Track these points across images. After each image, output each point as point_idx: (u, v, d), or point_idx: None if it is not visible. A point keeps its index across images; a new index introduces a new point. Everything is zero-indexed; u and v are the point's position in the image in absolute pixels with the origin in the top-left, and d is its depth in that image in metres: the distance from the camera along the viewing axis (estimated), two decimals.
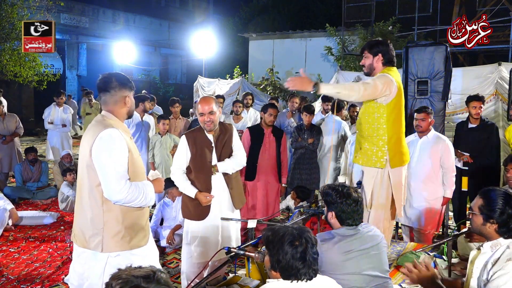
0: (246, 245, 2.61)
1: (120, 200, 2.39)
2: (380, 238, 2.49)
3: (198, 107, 3.45)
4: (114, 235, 2.45)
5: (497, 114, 7.17)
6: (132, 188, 2.41)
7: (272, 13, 20.55)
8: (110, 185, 2.37)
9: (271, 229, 1.98)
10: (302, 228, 1.96)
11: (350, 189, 2.51)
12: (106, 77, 2.57)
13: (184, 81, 24.66)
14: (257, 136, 4.89)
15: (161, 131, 6.04)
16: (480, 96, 5.08)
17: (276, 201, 5.02)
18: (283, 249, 1.87)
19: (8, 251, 4.78)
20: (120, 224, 2.46)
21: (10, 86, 13.24)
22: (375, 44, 3.48)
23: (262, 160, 4.86)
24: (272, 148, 4.91)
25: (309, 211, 3.34)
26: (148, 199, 2.53)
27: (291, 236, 1.89)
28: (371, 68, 3.49)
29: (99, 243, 2.44)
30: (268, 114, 4.88)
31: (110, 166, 2.37)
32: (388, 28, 13.16)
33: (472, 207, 2.21)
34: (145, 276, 1.39)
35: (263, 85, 14.95)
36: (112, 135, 2.41)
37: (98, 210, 2.44)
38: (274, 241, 1.92)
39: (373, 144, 3.43)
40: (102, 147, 2.39)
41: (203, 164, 3.46)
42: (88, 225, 2.46)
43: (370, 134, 3.45)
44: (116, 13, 21.44)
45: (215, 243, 3.47)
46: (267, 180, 4.91)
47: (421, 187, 4.49)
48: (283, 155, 5.01)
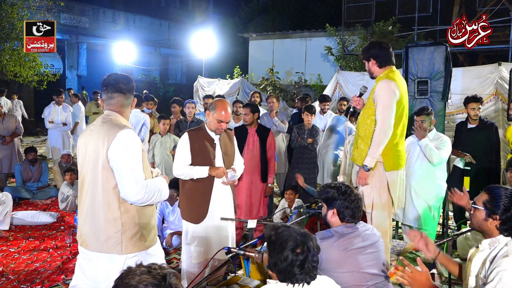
0: (246, 245, 2.61)
1: (138, 200, 2.38)
2: (377, 237, 2.50)
3: (218, 112, 3.39)
4: (132, 236, 2.43)
5: (497, 114, 7.17)
6: (149, 187, 2.41)
7: (272, 13, 20.55)
8: (129, 187, 2.34)
9: (275, 229, 1.95)
10: (307, 235, 1.93)
11: (349, 186, 2.53)
12: (126, 79, 2.54)
13: (184, 81, 24.66)
14: (241, 135, 4.86)
15: (161, 131, 6.03)
16: (478, 97, 5.08)
17: (262, 200, 4.95)
18: (283, 253, 1.85)
19: (8, 251, 4.78)
20: (137, 225, 2.45)
21: (10, 86, 13.24)
22: (365, 50, 3.53)
23: (245, 159, 4.80)
24: (255, 147, 4.87)
25: (309, 211, 3.34)
26: (163, 195, 2.55)
27: (294, 243, 1.86)
28: (371, 73, 3.54)
29: (117, 246, 2.41)
30: (244, 113, 4.91)
31: (129, 168, 2.35)
32: (388, 28, 13.16)
33: (476, 201, 2.21)
34: (156, 285, 1.32)
35: (263, 85, 14.95)
36: (129, 136, 2.39)
37: (115, 213, 2.40)
38: (276, 243, 1.90)
39: (367, 145, 3.43)
40: (122, 149, 2.35)
41: (206, 161, 3.45)
42: (102, 228, 2.41)
43: (366, 135, 3.46)
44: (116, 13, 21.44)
45: (214, 243, 3.48)
46: (250, 180, 4.84)
47: (421, 186, 4.49)
48: (269, 154, 4.95)
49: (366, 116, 3.47)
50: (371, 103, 3.42)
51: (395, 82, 3.34)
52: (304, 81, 15.65)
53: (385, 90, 3.31)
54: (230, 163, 3.60)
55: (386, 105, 3.29)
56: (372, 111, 3.41)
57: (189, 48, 17.23)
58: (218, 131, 3.46)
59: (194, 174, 3.42)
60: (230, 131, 3.71)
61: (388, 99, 3.29)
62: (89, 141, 2.46)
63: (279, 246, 1.88)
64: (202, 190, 3.47)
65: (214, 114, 3.41)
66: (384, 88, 3.32)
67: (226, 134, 3.63)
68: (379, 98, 3.33)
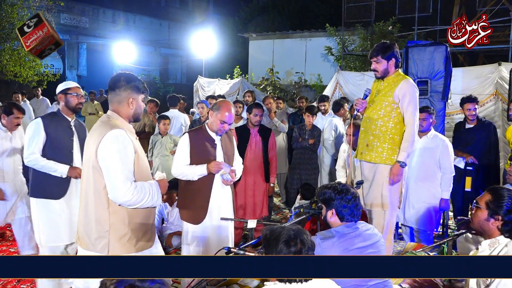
0: (246, 245, 2.61)
1: (125, 202, 2.35)
2: (378, 237, 2.50)
3: (222, 113, 3.38)
4: (120, 237, 2.41)
5: (497, 114, 7.17)
6: (138, 189, 2.36)
7: (272, 13, 20.57)
8: (115, 187, 2.32)
9: (270, 228, 2.00)
10: (300, 229, 1.95)
11: (346, 185, 2.54)
12: (115, 76, 2.54)
13: (184, 81, 24.69)
14: (244, 136, 4.86)
15: (161, 131, 6.03)
16: (474, 98, 5.07)
17: (264, 200, 4.96)
18: (277, 247, 1.88)
19: (8, 251, 4.78)
20: (126, 227, 2.42)
21: (10, 86, 13.25)
22: (388, 48, 3.50)
23: (248, 160, 4.81)
24: (258, 147, 4.88)
25: (309, 211, 3.34)
26: (155, 200, 2.48)
27: (287, 236, 1.89)
28: (386, 73, 3.54)
29: (105, 246, 2.40)
30: (253, 114, 4.85)
31: (116, 168, 2.32)
32: (388, 28, 13.17)
33: (479, 201, 2.21)
34: None
35: (263, 85, 14.96)
36: (118, 136, 2.35)
37: (104, 213, 2.39)
38: (270, 239, 1.93)
39: (385, 141, 3.48)
40: (108, 149, 2.33)
41: (205, 162, 3.44)
42: (93, 228, 2.42)
43: (382, 132, 3.49)
44: (116, 13, 21.47)
45: (214, 243, 3.47)
46: (254, 180, 4.85)
47: (421, 187, 4.48)
48: (271, 154, 4.98)
49: (383, 113, 3.49)
50: (391, 101, 3.45)
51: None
52: (304, 81, 15.65)
53: (412, 88, 3.45)
54: (230, 163, 3.60)
55: (415, 103, 3.46)
56: (391, 108, 3.46)
57: (189, 48, 17.25)
58: (220, 132, 3.45)
59: (193, 174, 3.39)
60: (230, 131, 3.70)
61: (416, 97, 3.47)
62: (87, 141, 2.49)
63: (274, 241, 1.91)
64: (201, 191, 3.46)
65: (218, 115, 3.39)
66: (411, 87, 3.45)
67: (226, 134, 3.63)
68: (409, 96, 3.42)
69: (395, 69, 3.53)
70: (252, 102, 7.51)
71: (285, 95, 14.61)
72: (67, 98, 3.48)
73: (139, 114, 2.60)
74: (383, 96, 3.51)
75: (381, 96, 3.52)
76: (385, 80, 3.55)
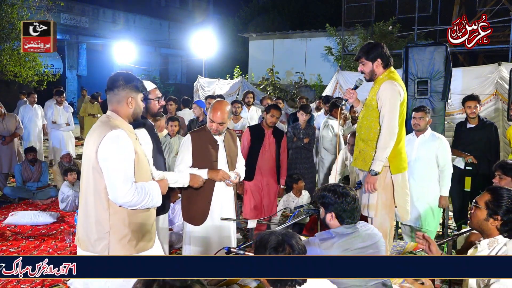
0: (246, 245, 2.61)
1: (125, 203, 2.34)
2: (378, 237, 2.49)
3: (211, 112, 3.39)
4: (120, 239, 2.40)
5: (497, 114, 7.17)
6: (138, 190, 2.35)
7: (272, 13, 20.56)
8: (115, 188, 2.31)
9: (260, 234, 1.97)
10: (289, 234, 1.91)
11: (346, 188, 2.51)
12: (113, 75, 2.52)
13: (184, 81, 24.69)
14: (258, 136, 4.86)
15: (170, 132, 5.90)
16: (475, 96, 5.06)
17: (274, 202, 5.01)
18: (266, 254, 1.85)
19: (8, 251, 4.78)
20: (126, 228, 2.41)
21: (10, 86, 13.25)
22: (372, 49, 3.38)
23: (262, 160, 4.84)
24: (272, 149, 4.89)
25: (309, 211, 3.34)
26: (155, 200, 2.47)
27: (275, 243, 1.86)
28: (373, 74, 3.42)
29: (105, 247, 2.39)
30: (270, 115, 4.84)
31: (116, 169, 2.31)
32: (388, 28, 13.17)
33: (478, 201, 2.21)
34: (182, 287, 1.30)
35: (263, 85, 14.96)
36: (118, 136, 2.34)
37: (104, 213, 2.38)
38: (259, 247, 1.90)
39: (372, 148, 3.38)
40: (108, 149, 2.32)
41: (207, 163, 3.44)
42: (93, 229, 2.41)
43: (370, 138, 3.41)
44: (116, 13, 21.46)
45: (215, 243, 3.47)
46: (267, 182, 4.89)
47: (420, 185, 4.49)
48: (282, 156, 4.99)
49: (370, 118, 3.40)
50: (375, 105, 3.35)
51: (399, 83, 3.31)
52: (304, 81, 15.65)
53: (390, 91, 3.25)
54: (234, 164, 3.60)
55: (392, 107, 3.23)
56: (377, 113, 3.33)
57: (189, 48, 17.25)
58: (214, 132, 3.43)
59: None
60: (234, 131, 3.69)
61: (394, 100, 3.24)
62: (87, 141, 2.47)
63: (262, 248, 1.88)
64: (203, 192, 3.45)
65: (210, 114, 3.43)
66: (389, 89, 3.26)
67: (229, 135, 3.62)
68: (384, 100, 3.26)
69: (384, 69, 3.39)
70: (253, 102, 7.52)
71: (285, 95, 14.61)
72: (147, 104, 3.17)
73: (139, 113, 2.59)
74: (369, 101, 3.43)
75: (368, 100, 3.45)
76: (374, 82, 3.45)
